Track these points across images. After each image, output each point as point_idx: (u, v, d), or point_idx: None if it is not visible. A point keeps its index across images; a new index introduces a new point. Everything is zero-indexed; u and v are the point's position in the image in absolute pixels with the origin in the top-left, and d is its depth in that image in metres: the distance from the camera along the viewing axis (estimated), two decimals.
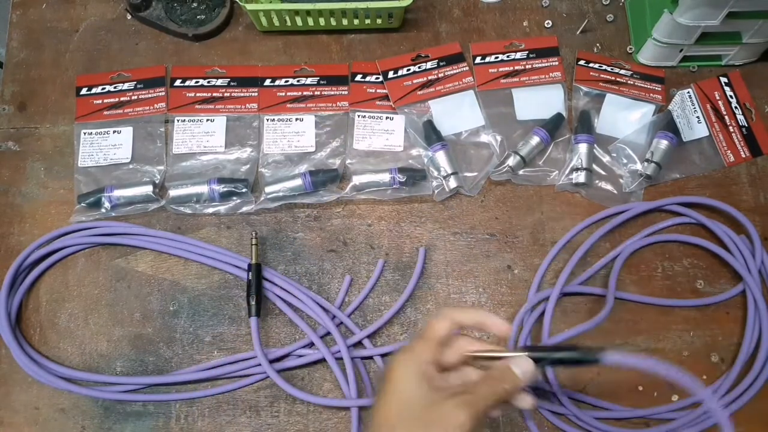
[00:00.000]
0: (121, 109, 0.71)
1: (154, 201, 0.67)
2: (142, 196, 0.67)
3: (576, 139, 0.69)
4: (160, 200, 0.67)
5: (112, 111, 0.71)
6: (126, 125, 0.71)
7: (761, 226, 0.67)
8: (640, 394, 0.63)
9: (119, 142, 0.70)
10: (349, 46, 0.75)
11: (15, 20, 0.76)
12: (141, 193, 0.67)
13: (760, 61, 0.74)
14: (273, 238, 0.67)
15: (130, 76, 0.73)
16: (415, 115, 0.71)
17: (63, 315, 0.65)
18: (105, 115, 0.71)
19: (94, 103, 0.72)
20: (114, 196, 0.66)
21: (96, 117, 0.71)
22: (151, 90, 0.72)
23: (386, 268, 0.66)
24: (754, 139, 0.71)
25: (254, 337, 0.61)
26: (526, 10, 0.76)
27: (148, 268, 0.67)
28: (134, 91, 0.72)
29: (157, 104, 0.71)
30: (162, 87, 0.72)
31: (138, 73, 0.73)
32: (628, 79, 0.72)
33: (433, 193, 0.68)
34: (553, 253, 0.66)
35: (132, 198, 0.67)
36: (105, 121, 0.71)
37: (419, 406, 0.41)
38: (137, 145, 0.70)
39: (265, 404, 0.62)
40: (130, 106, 0.71)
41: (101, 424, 0.62)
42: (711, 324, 0.64)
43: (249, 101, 0.71)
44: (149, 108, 0.71)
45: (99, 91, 0.72)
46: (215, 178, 0.67)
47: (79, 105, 0.72)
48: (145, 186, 0.67)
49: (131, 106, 0.71)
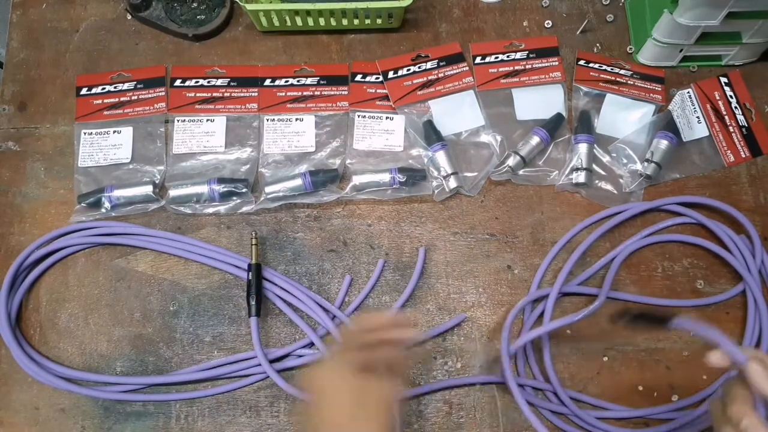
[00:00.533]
0: (121, 109, 0.71)
1: (154, 201, 0.67)
2: (142, 196, 0.67)
3: (576, 139, 0.69)
4: (160, 200, 0.67)
5: (112, 111, 0.71)
6: (126, 125, 0.71)
7: (761, 226, 0.67)
8: (640, 394, 0.63)
9: (119, 142, 0.70)
10: (349, 46, 0.75)
11: (15, 20, 0.76)
12: (141, 193, 0.67)
13: (760, 61, 0.74)
14: (273, 238, 0.67)
15: (131, 76, 0.73)
16: (415, 115, 0.71)
17: (63, 315, 0.65)
18: (105, 115, 0.71)
19: (94, 103, 0.72)
20: (114, 196, 0.66)
21: (96, 117, 0.71)
22: (151, 90, 0.72)
23: (386, 268, 0.66)
24: (754, 139, 0.71)
25: (254, 337, 0.61)
26: (526, 10, 0.76)
27: (148, 268, 0.67)
28: (134, 91, 0.72)
29: (157, 104, 0.71)
30: (162, 87, 0.72)
31: (138, 73, 0.73)
32: (628, 79, 0.72)
33: (433, 193, 0.68)
34: (553, 253, 0.66)
35: (132, 198, 0.67)
36: (105, 121, 0.71)
37: (352, 395, 0.45)
38: (137, 145, 0.70)
39: (265, 404, 0.62)
40: (131, 106, 0.71)
41: (101, 424, 0.62)
42: (711, 324, 0.64)
43: (249, 101, 0.71)
44: (149, 108, 0.71)
45: (99, 91, 0.72)
46: (215, 178, 0.67)
47: (79, 105, 0.72)
48: (145, 186, 0.67)
49: (131, 106, 0.71)
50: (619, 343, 0.64)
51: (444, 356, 0.64)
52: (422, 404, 0.62)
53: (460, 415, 0.62)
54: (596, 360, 0.63)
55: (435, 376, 0.63)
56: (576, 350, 0.64)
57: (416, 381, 0.63)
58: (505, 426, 0.61)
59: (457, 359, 0.63)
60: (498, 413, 0.62)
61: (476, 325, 0.65)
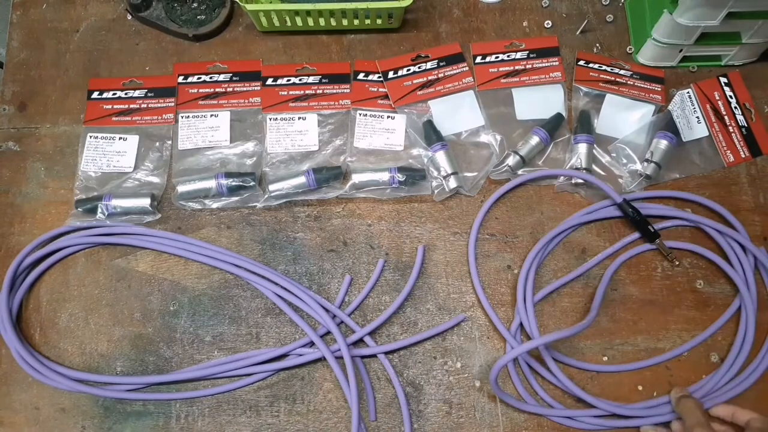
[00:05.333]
0: (130, 116, 0.71)
1: (151, 214, 0.67)
2: (139, 208, 0.67)
3: (576, 139, 0.69)
4: (157, 213, 0.67)
5: (120, 117, 0.71)
6: (133, 133, 0.70)
7: (761, 226, 0.67)
8: (640, 394, 0.63)
9: (124, 149, 0.70)
10: (349, 46, 0.75)
11: (15, 20, 0.76)
12: (139, 205, 0.66)
13: (760, 61, 0.74)
14: (273, 238, 0.68)
15: (142, 83, 0.73)
16: (415, 115, 0.71)
17: (63, 315, 0.65)
18: (114, 120, 0.71)
19: (104, 108, 0.71)
20: (111, 205, 0.66)
21: (104, 122, 0.71)
22: (161, 99, 0.72)
23: (386, 267, 0.66)
24: (753, 139, 0.71)
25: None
26: (526, 11, 0.76)
27: (148, 268, 0.67)
28: (145, 99, 0.72)
29: (166, 114, 0.71)
30: (172, 97, 0.72)
31: (150, 81, 0.73)
32: (627, 80, 0.72)
33: (433, 193, 0.68)
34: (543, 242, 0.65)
35: (129, 209, 0.67)
36: (113, 126, 0.71)
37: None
38: (141, 154, 0.70)
39: (265, 404, 0.63)
40: (139, 113, 0.71)
41: (101, 424, 0.62)
42: (711, 324, 0.64)
43: (252, 95, 0.72)
44: (158, 117, 0.71)
45: (110, 96, 0.72)
46: (222, 173, 0.67)
47: (89, 108, 0.71)
48: (144, 198, 0.67)
49: (140, 114, 0.71)
50: (619, 343, 0.64)
51: (444, 356, 0.64)
52: (422, 404, 0.62)
53: (460, 415, 0.62)
54: (596, 360, 0.63)
55: (435, 375, 0.63)
56: (576, 350, 0.64)
57: (416, 381, 0.63)
58: (505, 426, 0.62)
59: (456, 359, 0.64)
60: (498, 413, 0.62)
61: (476, 325, 0.65)
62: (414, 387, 0.63)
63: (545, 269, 0.66)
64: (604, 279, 0.64)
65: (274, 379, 0.63)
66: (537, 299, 0.64)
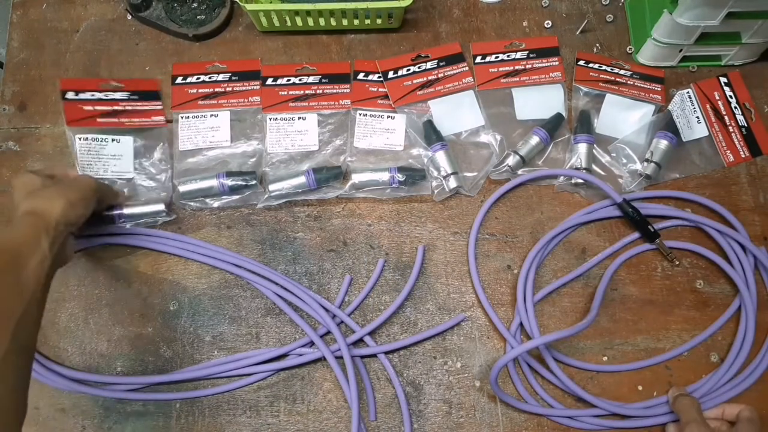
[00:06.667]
0: (117, 118, 0.70)
1: (163, 216, 0.67)
2: (152, 212, 0.66)
3: (576, 139, 0.69)
4: (171, 214, 0.67)
5: (107, 119, 0.70)
6: (126, 134, 0.69)
7: (761, 226, 0.67)
8: (640, 393, 0.63)
9: (119, 152, 0.69)
10: (349, 46, 0.75)
11: (15, 20, 0.76)
12: (152, 210, 0.66)
13: (760, 61, 0.74)
14: (273, 238, 0.67)
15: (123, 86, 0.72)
16: (415, 115, 0.71)
17: (63, 315, 0.65)
18: (99, 122, 0.70)
19: (85, 108, 0.70)
20: (125, 214, 0.66)
21: (89, 123, 0.69)
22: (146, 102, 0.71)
23: (386, 267, 0.66)
24: (753, 139, 0.71)
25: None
26: (525, 10, 0.76)
27: (148, 268, 0.67)
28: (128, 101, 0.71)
29: (156, 117, 0.71)
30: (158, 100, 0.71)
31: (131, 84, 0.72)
32: (627, 80, 0.72)
33: (433, 192, 0.68)
34: (543, 241, 0.65)
35: (142, 214, 0.66)
36: (100, 127, 0.69)
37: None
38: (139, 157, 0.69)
39: (265, 404, 0.62)
40: (126, 115, 0.70)
41: (101, 424, 0.62)
42: (711, 324, 0.64)
43: (251, 94, 0.72)
44: (147, 120, 0.70)
45: (89, 97, 0.70)
46: (224, 172, 0.67)
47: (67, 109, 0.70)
48: (156, 205, 0.66)
49: (128, 115, 0.70)
50: (619, 343, 0.64)
51: (444, 356, 0.64)
52: (422, 404, 0.62)
53: (460, 415, 0.62)
54: (596, 360, 0.64)
55: (435, 375, 0.63)
56: (576, 350, 0.64)
57: (416, 381, 0.63)
58: (505, 426, 0.62)
59: (456, 359, 0.64)
60: (498, 413, 0.62)
61: (476, 324, 0.65)
62: (414, 387, 0.63)
63: (545, 269, 0.66)
64: (604, 279, 0.64)
65: (274, 379, 0.63)
66: (537, 299, 0.64)
